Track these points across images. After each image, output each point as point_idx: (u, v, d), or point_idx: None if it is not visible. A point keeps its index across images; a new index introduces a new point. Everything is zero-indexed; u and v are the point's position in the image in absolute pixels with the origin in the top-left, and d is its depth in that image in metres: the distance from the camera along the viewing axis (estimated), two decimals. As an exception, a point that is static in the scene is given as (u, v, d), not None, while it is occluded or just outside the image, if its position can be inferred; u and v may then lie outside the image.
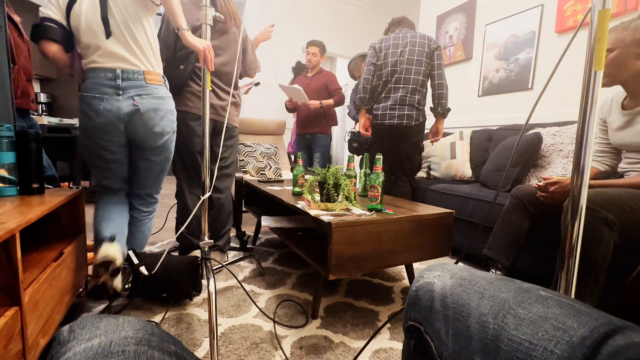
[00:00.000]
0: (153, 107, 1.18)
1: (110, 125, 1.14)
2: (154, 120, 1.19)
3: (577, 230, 0.60)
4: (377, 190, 1.19)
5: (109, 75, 1.12)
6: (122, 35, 1.13)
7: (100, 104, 1.11)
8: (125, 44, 1.14)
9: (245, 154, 2.42)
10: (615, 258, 1.02)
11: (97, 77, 1.12)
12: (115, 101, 1.13)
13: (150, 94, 1.18)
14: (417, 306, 0.44)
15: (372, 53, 2.07)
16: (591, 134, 0.57)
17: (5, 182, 0.96)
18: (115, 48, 1.13)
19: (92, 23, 1.11)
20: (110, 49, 1.12)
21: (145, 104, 1.16)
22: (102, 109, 1.11)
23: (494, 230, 1.41)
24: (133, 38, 1.15)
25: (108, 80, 1.12)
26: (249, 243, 2.02)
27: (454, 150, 2.38)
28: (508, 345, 0.32)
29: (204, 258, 1.16)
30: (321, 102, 2.73)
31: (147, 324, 0.32)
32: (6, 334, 0.63)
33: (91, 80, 1.12)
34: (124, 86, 1.13)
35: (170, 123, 1.26)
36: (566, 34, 2.12)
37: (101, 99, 1.11)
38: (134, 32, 1.15)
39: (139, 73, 1.16)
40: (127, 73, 1.13)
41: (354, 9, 4.78)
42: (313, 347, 1.01)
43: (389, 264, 1.17)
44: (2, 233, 0.62)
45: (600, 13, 0.55)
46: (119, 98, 1.13)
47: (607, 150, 1.32)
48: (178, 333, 1.06)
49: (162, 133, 1.23)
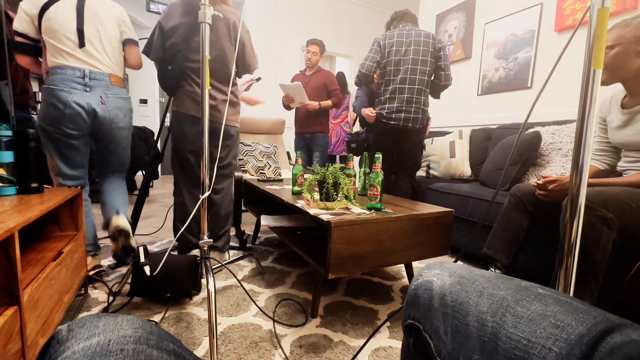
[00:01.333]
0: (117, 106, 1.38)
1: (78, 115, 1.28)
2: (119, 117, 1.40)
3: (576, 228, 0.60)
4: (377, 189, 1.19)
5: (77, 74, 1.27)
6: (94, 46, 1.31)
7: (69, 97, 1.25)
8: (95, 52, 1.31)
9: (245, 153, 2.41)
10: (614, 256, 1.02)
11: (66, 74, 1.25)
12: (83, 96, 1.28)
13: (116, 93, 1.38)
14: (416, 305, 0.44)
15: (377, 49, 2.04)
16: (590, 132, 0.57)
17: (4, 181, 0.96)
18: (86, 55, 1.29)
19: (67, 31, 1.25)
20: (81, 56, 1.28)
21: (111, 103, 1.36)
22: (70, 102, 1.25)
23: (493, 229, 1.41)
24: (104, 49, 1.34)
25: (77, 78, 1.27)
26: (249, 242, 2.02)
27: (453, 149, 2.38)
28: (506, 343, 0.32)
29: (203, 257, 1.16)
30: (320, 104, 2.72)
31: (146, 322, 0.32)
32: (5, 333, 0.63)
33: (60, 76, 1.25)
34: (91, 84, 1.29)
35: (130, 120, 1.48)
36: (565, 33, 2.12)
37: (69, 93, 1.25)
38: (105, 44, 1.34)
39: (105, 75, 1.34)
40: (94, 73, 1.30)
41: (354, 7, 4.78)
42: (312, 345, 1.01)
43: (388, 263, 1.17)
44: (1, 232, 0.61)
45: (599, 11, 0.55)
46: (86, 94, 1.29)
47: (607, 149, 1.32)
48: (178, 332, 1.06)
49: (124, 127, 1.45)
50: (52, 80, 1.24)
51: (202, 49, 1.05)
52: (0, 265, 0.67)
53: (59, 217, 1.17)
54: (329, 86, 2.78)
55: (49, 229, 1.17)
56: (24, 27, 1.25)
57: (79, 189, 1.18)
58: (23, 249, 1.01)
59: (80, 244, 1.18)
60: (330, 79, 2.80)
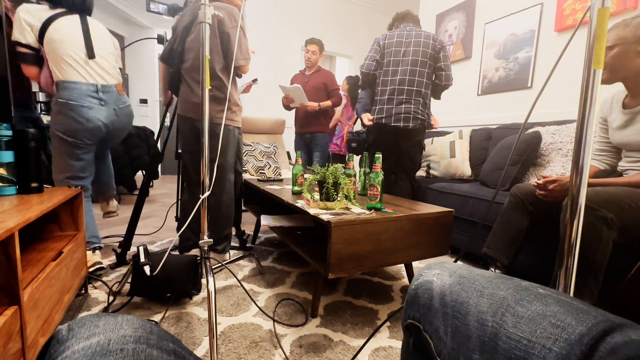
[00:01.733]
0: (126, 114, 1.56)
1: (97, 129, 1.43)
2: (128, 124, 1.60)
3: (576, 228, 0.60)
4: (377, 189, 1.19)
5: (91, 88, 1.39)
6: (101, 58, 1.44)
7: (89, 112, 1.38)
8: (103, 64, 1.45)
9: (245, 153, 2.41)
10: (614, 256, 1.02)
11: (80, 89, 1.36)
12: (101, 110, 1.43)
13: (124, 103, 1.54)
14: (416, 304, 0.44)
15: (377, 49, 2.05)
16: (590, 132, 0.57)
17: (4, 181, 0.96)
18: (96, 68, 1.42)
19: (74, 46, 1.36)
20: (90, 70, 1.40)
21: (122, 113, 1.53)
22: (91, 117, 1.39)
23: (493, 229, 1.41)
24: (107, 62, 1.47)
25: (91, 92, 1.39)
26: (249, 242, 2.02)
27: (453, 149, 2.38)
28: (506, 343, 0.32)
29: (203, 257, 1.16)
30: (319, 105, 2.72)
31: (146, 322, 0.32)
32: (5, 333, 0.63)
33: (75, 91, 1.36)
34: (105, 98, 1.44)
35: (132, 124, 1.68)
36: (565, 33, 2.12)
37: (89, 108, 1.38)
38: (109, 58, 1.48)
39: (113, 86, 1.48)
40: (105, 87, 1.44)
41: (354, 7, 4.78)
42: (313, 345, 1.01)
43: (388, 263, 1.17)
44: (1, 232, 0.61)
45: (599, 12, 0.55)
46: (102, 108, 1.43)
47: (607, 149, 1.32)
48: (178, 332, 1.06)
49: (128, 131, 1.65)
50: (70, 95, 1.34)
51: (202, 49, 1.05)
52: (0, 265, 0.67)
53: (59, 217, 1.17)
54: (329, 86, 2.78)
55: (49, 229, 1.17)
56: (27, 38, 1.30)
57: (79, 189, 1.19)
58: (23, 248, 1.01)
59: (80, 244, 1.18)
60: (330, 78, 2.80)
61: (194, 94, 1.50)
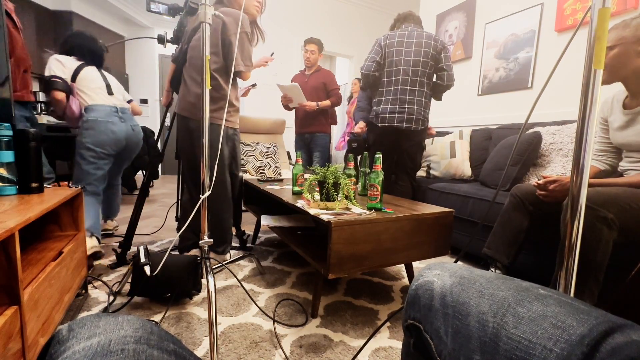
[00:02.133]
0: (138, 131, 1.92)
1: (119, 140, 1.77)
2: (139, 142, 1.96)
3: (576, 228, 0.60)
4: (377, 189, 1.19)
5: (113, 110, 1.77)
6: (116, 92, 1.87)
7: (114, 127, 1.74)
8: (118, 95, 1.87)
9: (245, 153, 2.41)
10: (615, 256, 1.02)
11: (105, 110, 1.74)
12: (122, 125, 1.79)
13: (136, 123, 1.92)
14: (416, 305, 0.44)
15: (377, 50, 2.04)
16: (591, 132, 0.57)
17: (4, 181, 0.96)
18: (113, 99, 1.82)
19: (96, 85, 1.77)
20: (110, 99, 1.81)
21: (136, 129, 1.91)
22: (116, 130, 1.75)
23: (494, 229, 1.41)
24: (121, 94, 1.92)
25: (114, 112, 1.77)
26: (249, 242, 2.02)
27: (453, 149, 2.38)
28: (507, 344, 0.32)
29: (203, 257, 1.16)
30: (318, 104, 2.71)
31: (147, 322, 0.32)
32: (5, 333, 0.63)
33: (102, 112, 1.72)
34: (123, 117, 1.81)
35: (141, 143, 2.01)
36: (566, 33, 2.12)
37: (114, 124, 1.75)
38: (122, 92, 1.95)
39: (127, 108, 1.88)
40: (122, 109, 1.82)
41: (354, 7, 4.78)
42: (313, 346, 1.01)
43: (389, 263, 1.17)
44: (1, 232, 0.61)
45: (600, 12, 0.55)
46: (123, 124, 1.79)
47: (608, 149, 1.32)
48: (178, 332, 1.06)
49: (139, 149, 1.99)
50: (98, 115, 1.70)
51: (202, 48, 1.05)
52: (0, 265, 0.67)
53: (59, 217, 1.17)
54: (329, 86, 2.77)
55: (49, 229, 1.17)
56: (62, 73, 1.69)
57: (79, 189, 1.18)
58: (23, 248, 1.01)
59: (80, 243, 1.18)
60: (329, 78, 2.79)
61: (190, 92, 1.50)
